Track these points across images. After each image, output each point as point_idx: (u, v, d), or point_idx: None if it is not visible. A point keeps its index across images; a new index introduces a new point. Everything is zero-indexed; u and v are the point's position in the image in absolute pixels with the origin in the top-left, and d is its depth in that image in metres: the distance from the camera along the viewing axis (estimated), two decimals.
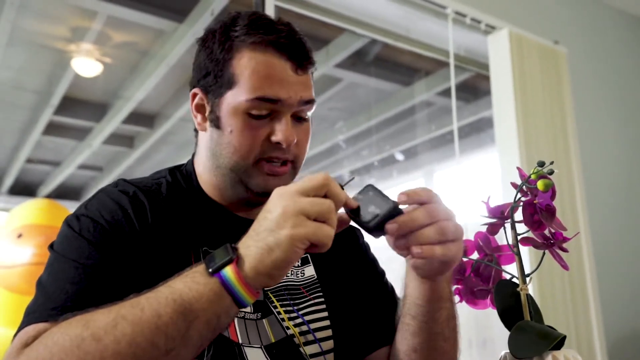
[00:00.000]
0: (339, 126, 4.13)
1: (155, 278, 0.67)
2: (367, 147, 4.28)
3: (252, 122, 0.73)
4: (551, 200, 0.62)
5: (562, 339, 0.61)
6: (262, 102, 0.73)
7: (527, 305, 0.65)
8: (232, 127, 0.74)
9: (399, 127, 3.93)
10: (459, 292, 0.74)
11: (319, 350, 0.76)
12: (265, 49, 0.73)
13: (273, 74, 0.73)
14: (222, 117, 0.75)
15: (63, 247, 0.69)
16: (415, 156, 4.06)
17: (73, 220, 0.71)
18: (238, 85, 0.73)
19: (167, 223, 0.73)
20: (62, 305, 0.62)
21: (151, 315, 0.53)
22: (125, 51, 2.92)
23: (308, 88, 0.77)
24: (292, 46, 0.74)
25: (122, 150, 4.19)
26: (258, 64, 0.73)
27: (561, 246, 0.65)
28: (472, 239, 0.72)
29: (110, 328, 0.53)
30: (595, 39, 3.09)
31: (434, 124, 3.63)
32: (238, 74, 0.74)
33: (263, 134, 0.74)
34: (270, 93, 0.72)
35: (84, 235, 0.68)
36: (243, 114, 0.73)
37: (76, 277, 0.65)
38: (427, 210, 0.61)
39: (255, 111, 0.73)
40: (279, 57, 0.74)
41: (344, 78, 3.33)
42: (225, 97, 0.75)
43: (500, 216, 0.67)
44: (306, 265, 0.83)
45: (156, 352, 0.53)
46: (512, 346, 0.61)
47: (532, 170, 0.63)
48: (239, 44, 0.74)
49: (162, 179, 0.80)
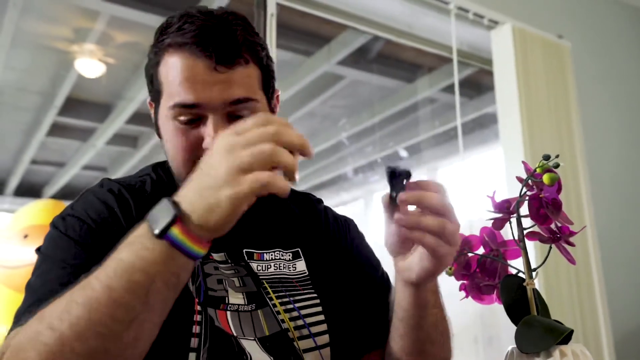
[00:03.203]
0: (342, 123, 4.13)
1: None
2: (370, 144, 4.28)
3: (181, 128, 0.71)
4: (557, 194, 0.62)
5: (570, 333, 0.60)
6: (182, 108, 0.69)
7: (533, 300, 0.64)
8: (166, 135, 0.73)
9: (402, 124, 3.92)
10: (465, 288, 0.74)
11: (313, 345, 0.75)
12: (182, 50, 0.69)
13: (188, 76, 0.68)
14: (160, 126, 0.75)
15: (50, 249, 0.69)
16: (418, 153, 4.06)
17: (59, 221, 0.71)
18: (164, 93, 0.71)
19: None
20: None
21: (103, 291, 0.51)
22: (128, 51, 2.93)
23: (238, 86, 0.70)
24: (210, 42, 0.68)
25: (126, 151, 4.20)
26: (173, 68, 0.69)
27: (568, 240, 0.64)
28: (478, 235, 0.72)
29: (65, 315, 0.51)
30: (600, 32, 3.07)
31: (437, 121, 3.62)
32: (162, 81, 0.71)
33: (193, 139, 0.71)
34: (187, 98, 0.68)
35: (70, 235, 0.68)
36: (171, 120, 0.71)
37: (64, 278, 0.64)
38: (440, 200, 0.59)
39: (182, 117, 0.70)
40: (194, 57, 0.68)
41: (347, 75, 3.33)
42: (161, 105, 0.73)
43: (506, 211, 0.67)
44: (297, 259, 0.82)
45: (119, 325, 0.51)
46: (519, 341, 0.60)
47: (538, 164, 0.62)
48: (163, 48, 0.71)
49: (145, 176, 0.80)
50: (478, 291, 0.72)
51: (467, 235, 0.73)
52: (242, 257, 0.77)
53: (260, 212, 0.83)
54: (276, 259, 0.80)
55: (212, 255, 0.75)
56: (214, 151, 0.53)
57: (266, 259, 0.79)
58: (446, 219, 0.59)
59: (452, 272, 0.73)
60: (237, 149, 0.51)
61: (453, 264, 0.74)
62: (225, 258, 0.76)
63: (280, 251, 0.81)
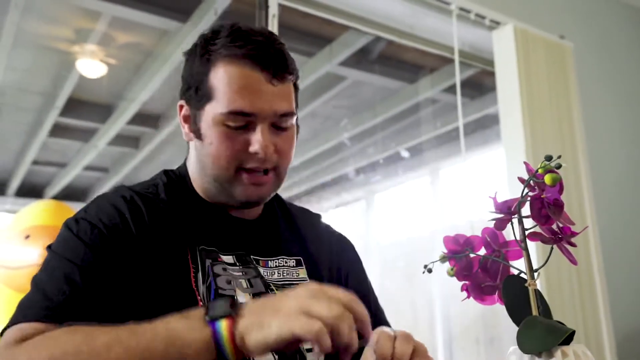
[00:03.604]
0: (344, 124, 4.13)
1: (153, 277, 0.70)
2: (372, 144, 4.28)
3: (229, 133, 0.75)
4: (559, 195, 0.62)
5: (571, 333, 0.60)
6: (237, 115, 0.74)
7: (535, 300, 0.64)
8: (211, 138, 0.77)
9: (404, 125, 3.92)
10: (466, 289, 0.74)
11: None
12: (239, 62, 0.75)
13: (246, 85, 0.74)
14: (203, 128, 0.77)
15: (60, 248, 0.71)
16: (420, 153, 4.06)
17: (72, 223, 0.73)
18: (215, 99, 0.75)
19: (164, 224, 0.76)
20: (59, 306, 0.64)
21: (144, 347, 0.55)
22: (130, 52, 2.93)
23: (284, 99, 0.77)
24: (266, 57, 0.75)
25: (128, 151, 4.20)
26: (232, 77, 0.74)
27: (569, 241, 0.64)
28: (479, 236, 0.72)
29: (105, 349, 0.55)
30: (602, 32, 3.07)
31: (439, 121, 3.62)
32: (215, 87, 0.75)
33: (241, 144, 0.76)
34: (244, 106, 0.74)
35: (82, 237, 0.70)
36: (220, 125, 0.75)
37: (73, 277, 0.66)
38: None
39: (232, 123, 0.75)
40: (253, 68, 0.74)
41: (348, 76, 3.33)
42: (205, 109, 0.77)
43: (507, 211, 0.66)
44: (299, 267, 0.85)
45: None
46: (520, 341, 0.60)
47: (540, 165, 0.62)
48: (216, 57, 0.76)
49: (158, 180, 0.83)
50: (480, 292, 0.72)
51: (469, 236, 0.73)
52: (250, 261, 0.80)
53: (267, 220, 0.87)
54: (280, 266, 0.83)
55: (220, 257, 0.77)
56: (297, 290, 0.57)
57: (271, 266, 0.82)
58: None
59: (453, 273, 0.73)
60: (317, 297, 0.55)
61: (455, 265, 0.74)
62: (234, 261, 0.79)
63: (284, 258, 0.84)
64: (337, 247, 0.94)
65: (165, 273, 0.72)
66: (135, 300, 0.68)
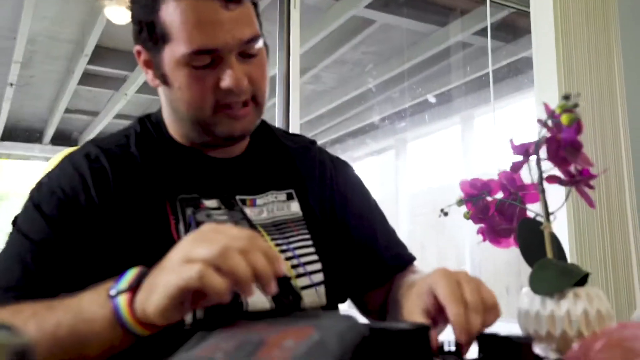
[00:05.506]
0: (369, 69, 4.04)
1: (130, 238, 0.69)
2: (399, 92, 4.20)
3: (196, 74, 0.70)
4: (576, 135, 0.60)
5: (585, 276, 0.60)
6: (200, 54, 0.69)
7: (550, 243, 0.63)
8: (179, 83, 0.71)
9: (433, 71, 3.82)
10: (482, 232, 0.73)
11: (309, 283, 0.75)
12: None
13: (202, 18, 0.68)
14: (167, 73, 0.72)
15: (20, 219, 0.71)
16: (450, 101, 3.97)
17: (35, 190, 0.72)
18: (172, 39, 0.69)
19: (134, 180, 0.73)
20: (7, 287, 0.65)
21: (55, 322, 0.54)
22: None
23: (246, 24, 0.71)
24: None
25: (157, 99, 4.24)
26: (185, 10, 0.68)
27: (588, 183, 0.62)
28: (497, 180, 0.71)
29: (23, 324, 0.54)
30: None
31: (470, 67, 3.51)
32: (169, 25, 0.69)
33: (211, 82, 0.71)
34: (206, 42, 0.68)
35: (41, 207, 0.69)
36: (185, 67, 0.70)
37: (25, 255, 0.66)
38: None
39: (197, 63, 0.69)
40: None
41: (376, 19, 3.23)
42: (165, 52, 0.71)
43: (524, 153, 0.65)
44: (291, 200, 0.81)
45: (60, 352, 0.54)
46: (532, 283, 0.60)
47: (558, 105, 0.60)
48: None
49: (131, 130, 0.79)
50: (495, 235, 0.72)
51: (486, 180, 0.72)
52: (235, 202, 0.78)
53: (253, 155, 0.83)
54: (269, 202, 0.80)
55: (203, 202, 0.75)
56: (184, 238, 0.53)
57: (259, 204, 0.79)
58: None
59: (469, 216, 0.73)
60: (200, 239, 0.51)
61: (471, 208, 0.73)
62: (218, 205, 0.76)
63: (274, 193, 0.81)
64: (332, 172, 0.89)
65: (144, 230, 0.70)
66: (109, 267, 0.63)
